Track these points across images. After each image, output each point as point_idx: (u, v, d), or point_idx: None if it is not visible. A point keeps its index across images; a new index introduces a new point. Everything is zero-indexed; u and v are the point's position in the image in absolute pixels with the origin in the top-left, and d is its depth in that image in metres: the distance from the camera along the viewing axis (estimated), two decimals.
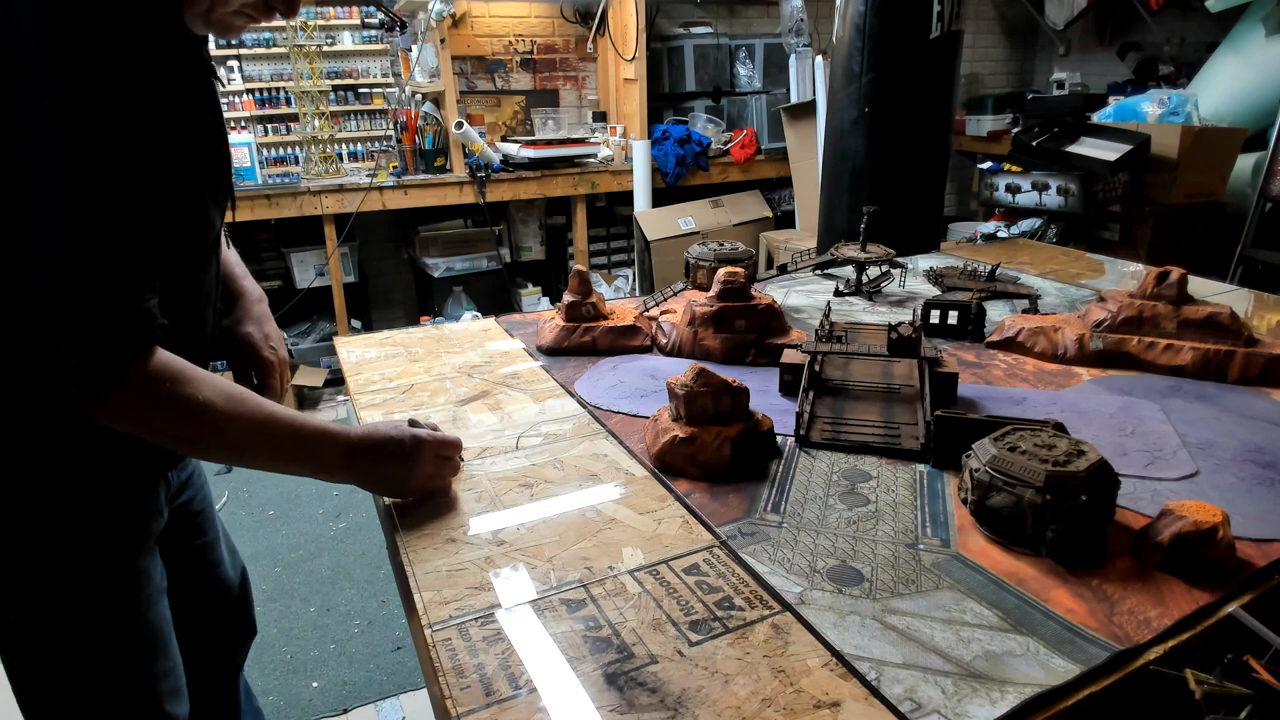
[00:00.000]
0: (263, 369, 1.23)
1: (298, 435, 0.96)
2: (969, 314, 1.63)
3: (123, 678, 1.04)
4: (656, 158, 4.76)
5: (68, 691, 1.03)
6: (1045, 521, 0.88)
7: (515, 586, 0.87)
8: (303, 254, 4.48)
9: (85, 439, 0.93)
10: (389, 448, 1.01)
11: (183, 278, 0.98)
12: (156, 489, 1.09)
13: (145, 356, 0.84)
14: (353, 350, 1.65)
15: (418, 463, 1.02)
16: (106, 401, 0.83)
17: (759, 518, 0.99)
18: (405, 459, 1.01)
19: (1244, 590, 0.85)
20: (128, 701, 1.05)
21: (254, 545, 2.92)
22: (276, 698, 2.21)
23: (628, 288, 5.15)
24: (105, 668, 1.03)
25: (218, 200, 1.03)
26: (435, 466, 1.05)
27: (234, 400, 0.91)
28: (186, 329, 1.00)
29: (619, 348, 1.59)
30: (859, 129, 2.50)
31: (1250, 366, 1.39)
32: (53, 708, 1.03)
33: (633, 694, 0.71)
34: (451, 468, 1.08)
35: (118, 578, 1.03)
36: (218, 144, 1.00)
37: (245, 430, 0.92)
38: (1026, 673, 0.73)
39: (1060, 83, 5.42)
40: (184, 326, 0.99)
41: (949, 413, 1.08)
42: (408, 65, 4.63)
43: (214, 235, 1.04)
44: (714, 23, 5.29)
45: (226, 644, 1.37)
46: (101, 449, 0.96)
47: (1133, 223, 3.91)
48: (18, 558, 0.97)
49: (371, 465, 1.00)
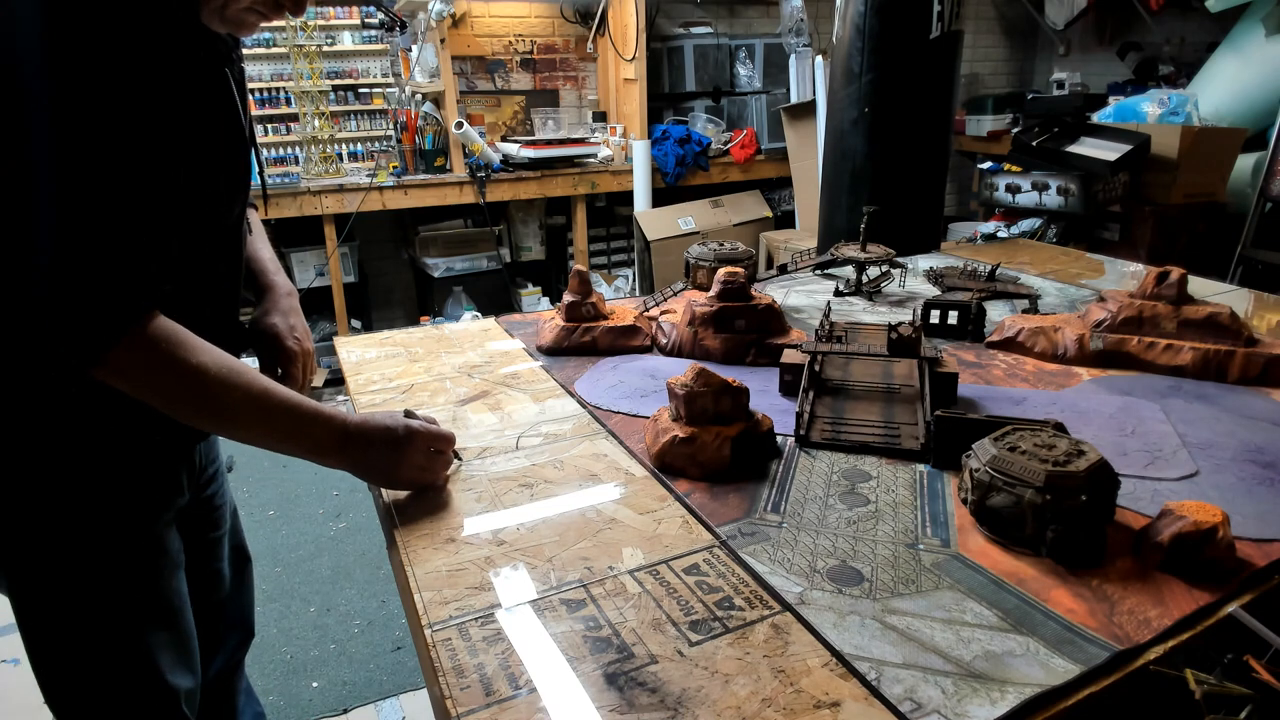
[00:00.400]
0: (286, 359, 1.26)
1: (293, 412, 0.98)
2: (969, 314, 1.63)
3: (121, 638, 1.06)
4: (656, 158, 4.76)
5: (70, 645, 1.05)
6: (1045, 521, 0.88)
7: (515, 586, 0.87)
8: (303, 254, 4.48)
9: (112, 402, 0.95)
10: (381, 435, 1.03)
11: (200, 259, 1.02)
12: (180, 464, 1.12)
13: (146, 318, 0.87)
14: (353, 350, 1.65)
15: (408, 453, 1.04)
16: (106, 361, 0.86)
17: (759, 518, 0.99)
18: (396, 448, 1.03)
19: (1244, 590, 0.85)
20: (124, 661, 1.07)
21: (254, 545, 2.87)
22: (276, 698, 2.21)
23: (628, 288, 5.15)
24: (105, 625, 1.05)
25: (234, 187, 1.05)
26: (426, 458, 1.06)
27: (231, 370, 0.94)
28: (208, 311, 1.04)
29: (619, 348, 1.59)
30: (859, 129, 2.50)
31: (1250, 366, 1.39)
32: (56, 659, 1.06)
33: (633, 694, 0.71)
34: (443, 462, 1.10)
35: (133, 541, 1.06)
36: (234, 133, 1.02)
37: (239, 400, 0.94)
38: (1026, 673, 0.73)
39: (1060, 83, 5.42)
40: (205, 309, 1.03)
41: (949, 413, 1.08)
42: (408, 65, 4.63)
43: (232, 219, 1.07)
44: (714, 23, 5.29)
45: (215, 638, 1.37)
46: (127, 413, 0.98)
47: (1133, 223, 3.91)
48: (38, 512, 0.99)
49: (363, 451, 1.02)
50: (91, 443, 1.00)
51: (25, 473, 0.98)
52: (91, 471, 1.01)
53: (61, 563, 1.01)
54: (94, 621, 1.04)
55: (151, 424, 1.00)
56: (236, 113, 1.01)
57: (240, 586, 1.40)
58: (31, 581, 1.03)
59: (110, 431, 1.00)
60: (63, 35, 0.78)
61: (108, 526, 1.03)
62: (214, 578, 1.32)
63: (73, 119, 0.80)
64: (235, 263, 1.13)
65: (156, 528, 1.09)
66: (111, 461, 1.02)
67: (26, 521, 1.00)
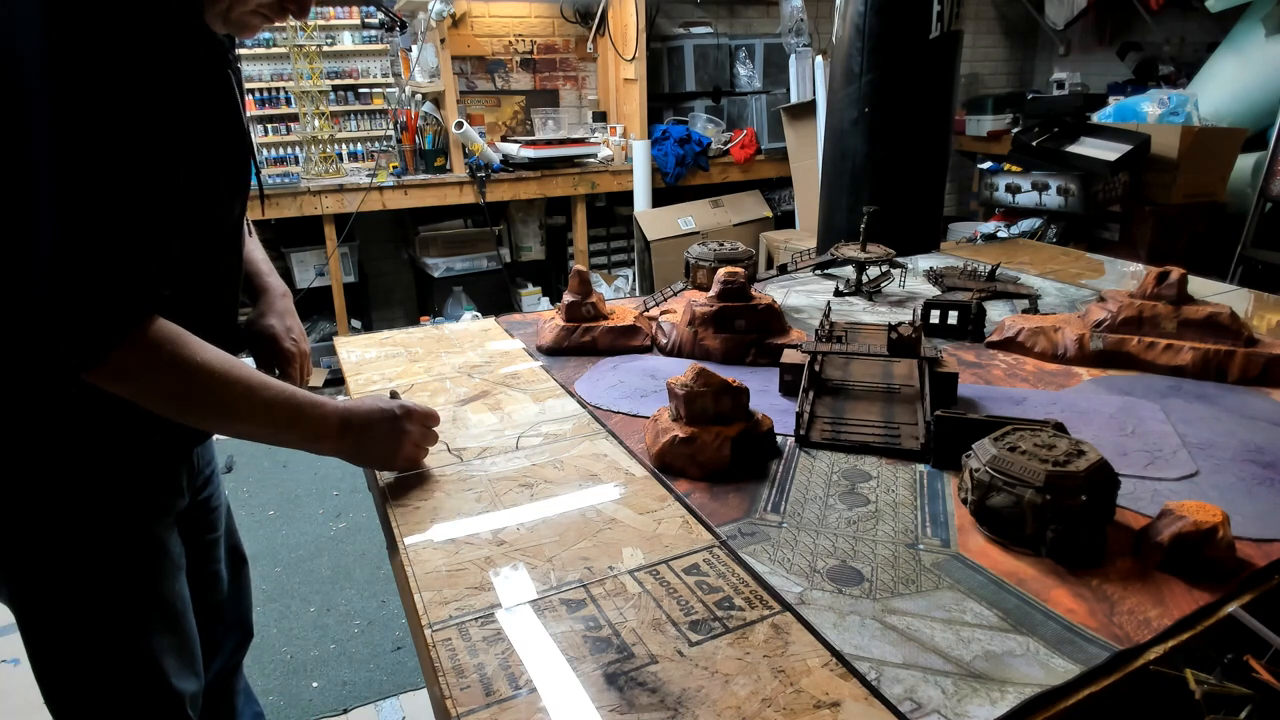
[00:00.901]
0: (283, 360, 1.27)
1: (290, 402, 0.99)
2: (969, 314, 1.63)
3: (126, 642, 1.06)
4: (656, 158, 4.76)
5: (74, 651, 1.05)
6: (1045, 521, 0.88)
7: (515, 586, 0.87)
8: (303, 254, 4.48)
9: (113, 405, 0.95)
10: (379, 416, 1.06)
11: (201, 260, 1.02)
12: (180, 466, 1.13)
13: (146, 321, 0.88)
14: (353, 350, 1.65)
15: (408, 431, 1.07)
16: (107, 363, 0.86)
17: (759, 518, 0.99)
18: (394, 429, 1.06)
19: (1244, 590, 0.85)
20: (129, 666, 1.07)
21: (254, 545, 2.92)
22: (276, 698, 2.21)
23: (628, 288, 5.15)
24: (110, 630, 1.05)
25: (235, 187, 1.06)
26: (422, 434, 1.10)
27: (230, 366, 0.94)
28: (208, 312, 1.05)
29: (619, 348, 1.59)
30: (859, 129, 2.50)
31: (1250, 366, 1.39)
32: (60, 665, 1.06)
33: (633, 694, 0.71)
34: (432, 437, 1.13)
35: (135, 545, 1.06)
36: (235, 134, 1.02)
37: (239, 394, 0.95)
38: (1026, 673, 0.73)
39: (1060, 83, 5.42)
40: (206, 309, 1.04)
41: (949, 413, 1.08)
42: (408, 65, 4.63)
43: (232, 221, 1.08)
44: (714, 23, 5.29)
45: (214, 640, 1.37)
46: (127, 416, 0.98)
47: (1133, 223, 3.91)
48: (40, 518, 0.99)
49: (362, 436, 1.04)
50: (92, 447, 1.00)
51: (27, 478, 0.98)
52: (93, 476, 1.01)
53: (64, 568, 1.01)
54: (98, 627, 1.04)
55: (152, 427, 1.00)
56: (237, 114, 1.02)
57: (238, 587, 1.40)
58: (34, 588, 1.03)
59: (111, 435, 1.00)
60: (65, 36, 0.78)
61: (110, 531, 1.03)
62: (212, 579, 1.32)
63: (75, 119, 0.80)
64: (235, 264, 1.14)
65: (158, 531, 1.09)
66: (112, 465, 1.02)
67: (28, 527, 0.99)
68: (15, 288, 0.86)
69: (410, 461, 1.11)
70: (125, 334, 0.86)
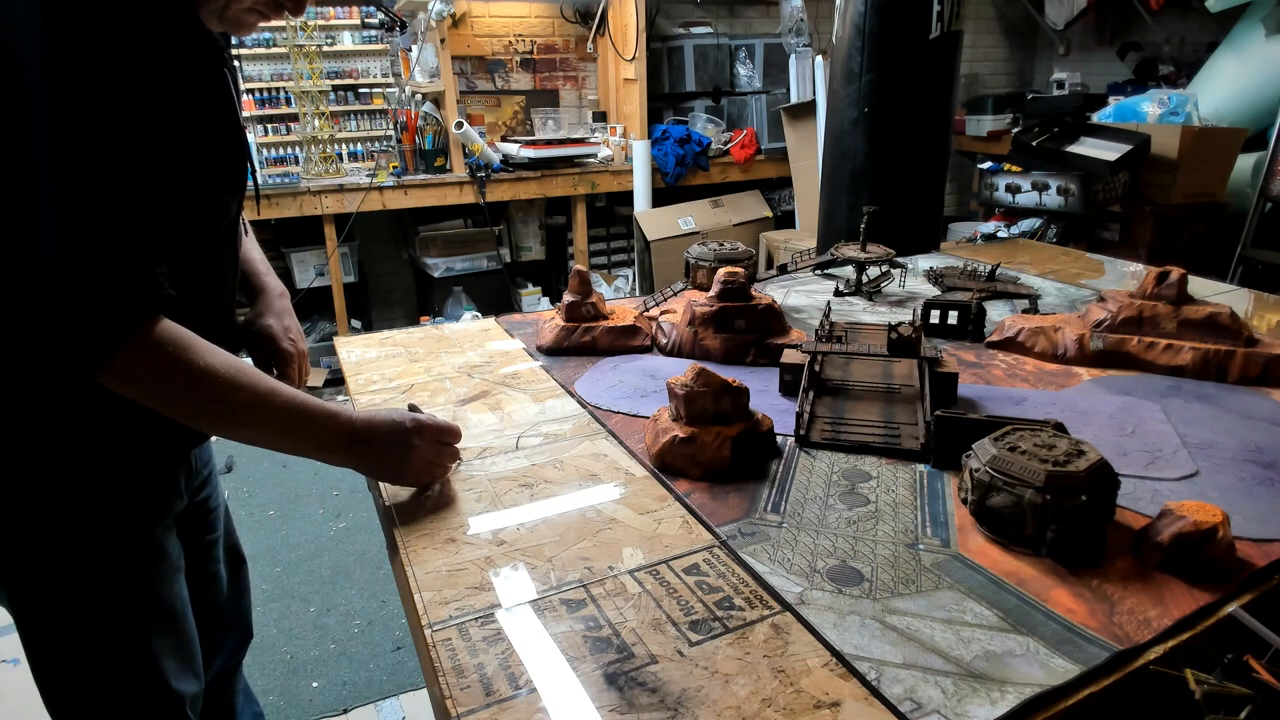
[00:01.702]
0: (281, 360, 1.26)
1: (300, 411, 0.97)
2: (969, 314, 1.63)
3: (125, 644, 1.06)
4: (656, 158, 4.76)
5: (73, 653, 1.05)
6: (1045, 521, 0.88)
7: (515, 586, 0.86)
8: (303, 254, 4.48)
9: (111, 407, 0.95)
10: (389, 430, 1.02)
11: (199, 260, 1.02)
12: (178, 468, 1.12)
13: (151, 322, 0.87)
14: (353, 350, 1.65)
15: (417, 447, 1.03)
16: (112, 365, 0.85)
17: (759, 518, 0.99)
18: (404, 442, 1.03)
19: (1244, 590, 0.85)
20: (129, 668, 1.07)
21: (254, 545, 2.92)
22: (276, 698, 2.21)
23: (628, 288, 5.15)
24: (109, 632, 1.05)
25: (232, 187, 1.06)
26: (434, 451, 1.06)
27: (237, 370, 0.93)
28: (208, 312, 1.04)
29: (619, 348, 1.59)
30: (859, 129, 2.50)
31: (1250, 366, 1.39)
32: (59, 668, 1.06)
33: (633, 694, 0.71)
34: (450, 454, 1.09)
35: (134, 547, 1.06)
36: (232, 133, 1.02)
37: (247, 399, 0.93)
38: (1026, 673, 0.73)
39: (1060, 83, 5.42)
40: (205, 309, 1.03)
41: (949, 413, 1.08)
42: (408, 65, 4.63)
43: (228, 221, 1.07)
44: (714, 23, 5.29)
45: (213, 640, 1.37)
46: (127, 418, 0.98)
47: (1133, 223, 3.91)
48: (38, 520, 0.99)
49: (371, 448, 1.02)
50: (90, 449, 0.99)
51: (25, 480, 0.98)
52: (91, 478, 1.00)
53: (63, 571, 1.01)
54: (97, 629, 1.04)
55: (150, 429, 1.00)
56: (234, 112, 1.02)
57: (237, 588, 1.40)
58: (33, 591, 1.03)
59: (110, 437, 1.00)
60: (63, 36, 0.78)
61: (108, 533, 1.02)
62: (210, 580, 1.32)
63: (74, 119, 0.80)
64: (232, 263, 1.14)
65: (156, 532, 1.08)
66: (110, 467, 1.02)
67: (27, 530, 0.99)
68: (16, 288, 0.86)
69: (422, 477, 1.06)
70: (127, 335, 0.85)
